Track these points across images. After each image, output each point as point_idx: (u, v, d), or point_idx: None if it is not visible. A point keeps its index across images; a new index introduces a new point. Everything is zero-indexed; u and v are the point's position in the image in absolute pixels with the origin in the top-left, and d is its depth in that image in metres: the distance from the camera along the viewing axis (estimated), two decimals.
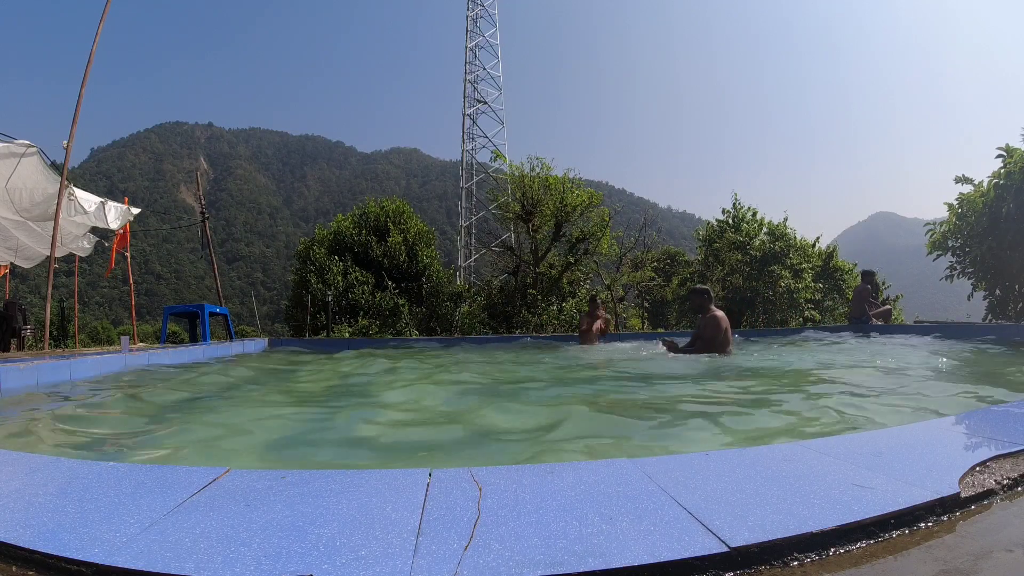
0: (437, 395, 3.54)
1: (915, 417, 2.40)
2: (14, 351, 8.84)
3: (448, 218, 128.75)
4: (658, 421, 2.58)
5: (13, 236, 9.77)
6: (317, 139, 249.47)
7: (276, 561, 0.79)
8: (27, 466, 1.32)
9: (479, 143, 35.01)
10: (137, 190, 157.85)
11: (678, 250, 22.11)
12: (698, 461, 1.21)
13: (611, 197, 70.18)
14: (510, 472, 1.17)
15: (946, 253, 10.12)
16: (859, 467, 1.14)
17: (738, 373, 4.19)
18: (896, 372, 3.97)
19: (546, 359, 5.97)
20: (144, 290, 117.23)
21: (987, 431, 1.47)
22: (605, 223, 14.21)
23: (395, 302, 13.75)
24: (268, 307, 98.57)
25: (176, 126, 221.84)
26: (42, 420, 2.82)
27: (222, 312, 10.50)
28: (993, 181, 9.05)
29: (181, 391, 4.01)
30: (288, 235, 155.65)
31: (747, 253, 13.58)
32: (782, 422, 2.40)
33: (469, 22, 36.26)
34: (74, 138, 7.75)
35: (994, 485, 1.06)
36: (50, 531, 0.90)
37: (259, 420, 2.81)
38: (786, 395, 3.16)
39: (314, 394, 3.86)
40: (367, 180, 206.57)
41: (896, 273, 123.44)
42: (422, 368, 5.32)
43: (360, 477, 1.16)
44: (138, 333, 14.57)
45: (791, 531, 0.85)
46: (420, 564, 0.77)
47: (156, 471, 1.22)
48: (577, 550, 0.80)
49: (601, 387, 3.83)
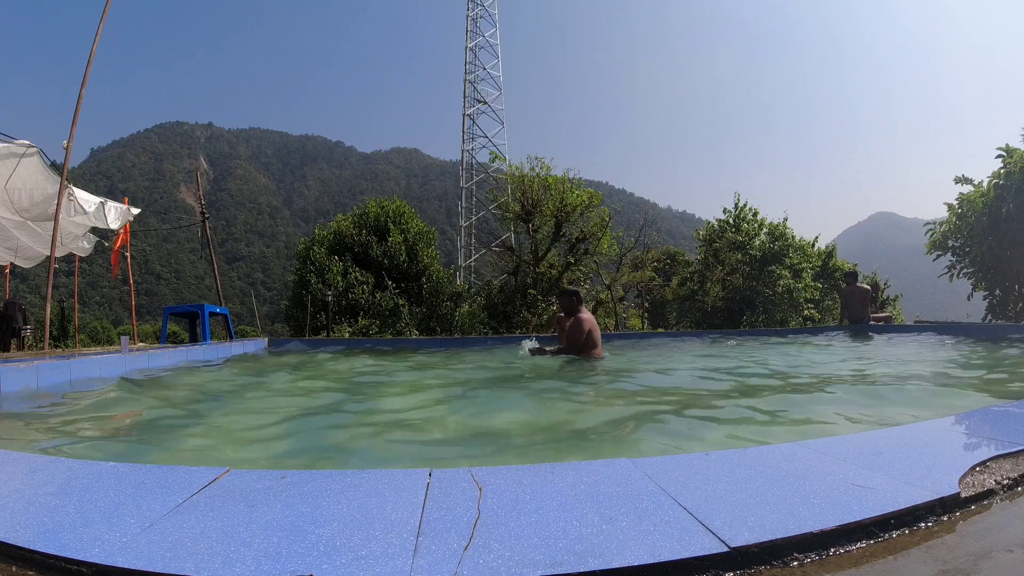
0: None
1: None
2: (14, 351, 8.84)
3: (448, 218, 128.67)
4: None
5: (13, 236, 9.77)
6: (317, 139, 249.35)
7: (276, 561, 0.79)
8: (27, 466, 1.32)
9: (479, 143, 35.08)
10: (137, 190, 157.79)
11: (678, 250, 22.13)
12: (698, 461, 1.21)
13: (611, 197, 70.18)
14: (510, 472, 1.17)
15: (946, 253, 10.12)
16: (859, 467, 1.14)
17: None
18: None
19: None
20: (144, 290, 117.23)
21: (987, 431, 1.47)
22: (605, 223, 14.21)
23: (395, 302, 13.74)
24: (268, 307, 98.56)
25: (176, 126, 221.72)
26: (42, 420, 2.82)
27: (222, 312, 10.49)
28: (993, 181, 9.05)
29: (181, 391, 4.01)
30: (288, 235, 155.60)
31: (747, 253, 13.58)
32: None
33: (469, 22, 36.29)
34: (74, 138, 7.74)
35: (994, 485, 1.06)
36: (50, 531, 0.90)
37: (259, 420, 2.81)
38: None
39: (314, 394, 3.86)
40: (367, 180, 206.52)
41: (896, 273, 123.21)
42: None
43: (360, 477, 1.16)
44: (138, 333, 14.57)
45: (791, 531, 0.85)
46: (420, 564, 0.77)
47: (156, 471, 1.22)
48: (577, 550, 0.80)
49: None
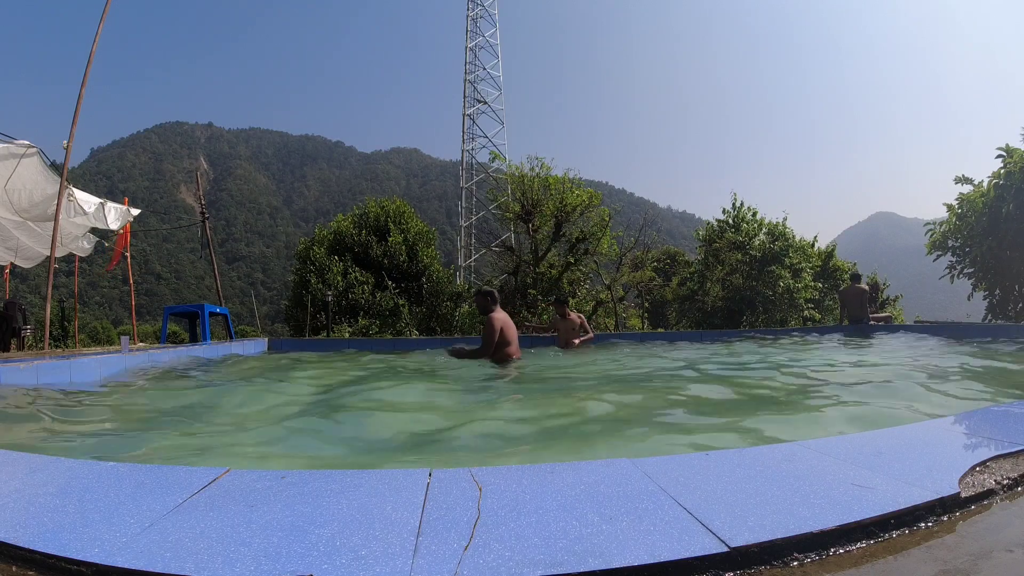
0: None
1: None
2: (14, 351, 8.84)
3: (448, 218, 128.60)
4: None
5: (13, 236, 9.76)
6: (317, 139, 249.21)
7: (276, 561, 0.79)
8: (27, 466, 1.32)
9: (479, 143, 35.03)
10: (137, 190, 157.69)
11: (678, 250, 22.16)
12: (698, 461, 1.21)
13: (611, 197, 70.16)
14: (510, 472, 1.17)
15: (946, 253, 10.12)
16: (859, 467, 1.14)
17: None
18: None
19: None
20: (144, 290, 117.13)
21: (987, 431, 1.47)
22: (605, 223, 14.21)
23: (395, 302, 13.74)
24: (268, 307, 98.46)
25: (176, 126, 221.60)
26: (41, 420, 2.82)
27: (222, 312, 10.49)
28: (993, 181, 9.05)
29: (181, 391, 4.01)
30: (288, 235, 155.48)
31: (747, 253, 13.57)
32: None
33: (469, 22, 36.26)
34: (74, 138, 7.74)
35: (994, 485, 1.06)
36: (50, 531, 0.90)
37: (259, 420, 2.80)
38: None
39: (313, 393, 3.85)
40: (367, 180, 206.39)
41: (896, 273, 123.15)
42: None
43: (360, 477, 1.16)
44: (138, 333, 14.56)
45: (791, 531, 0.85)
46: (420, 564, 0.77)
47: (156, 471, 1.22)
48: (577, 550, 0.80)
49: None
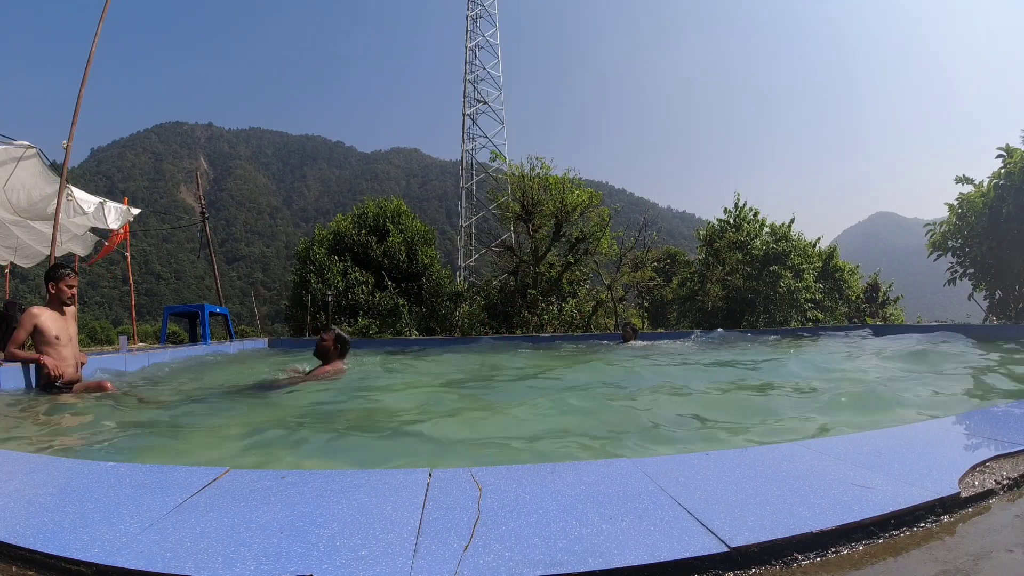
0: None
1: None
2: None
3: (448, 218, 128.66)
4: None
5: (13, 235, 9.76)
6: (317, 139, 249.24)
7: (276, 561, 0.79)
8: (27, 466, 1.32)
9: (479, 143, 35.04)
10: (137, 190, 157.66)
11: (678, 250, 22.12)
12: (698, 461, 1.21)
13: (611, 197, 70.15)
14: (510, 472, 1.17)
15: (946, 253, 10.10)
16: (859, 467, 1.14)
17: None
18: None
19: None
20: (144, 290, 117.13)
21: (987, 431, 1.47)
22: (605, 223, 14.20)
23: (395, 302, 13.73)
24: (268, 307, 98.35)
25: (176, 126, 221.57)
26: (41, 420, 2.82)
27: (222, 312, 10.49)
28: (993, 181, 9.03)
29: (180, 391, 4.01)
30: (288, 235, 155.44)
31: (748, 253, 13.55)
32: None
33: (469, 22, 36.26)
34: (74, 138, 7.72)
35: (994, 485, 1.06)
36: (50, 531, 0.90)
37: (259, 420, 2.80)
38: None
39: (313, 393, 3.85)
40: (367, 180, 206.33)
41: (896, 273, 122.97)
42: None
43: (360, 477, 1.16)
44: (138, 333, 14.56)
45: (791, 531, 0.85)
46: (420, 564, 0.77)
47: (156, 471, 1.22)
48: (577, 550, 0.80)
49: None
